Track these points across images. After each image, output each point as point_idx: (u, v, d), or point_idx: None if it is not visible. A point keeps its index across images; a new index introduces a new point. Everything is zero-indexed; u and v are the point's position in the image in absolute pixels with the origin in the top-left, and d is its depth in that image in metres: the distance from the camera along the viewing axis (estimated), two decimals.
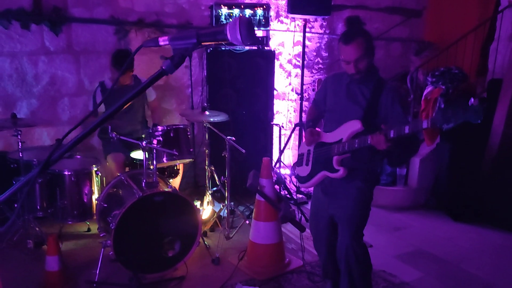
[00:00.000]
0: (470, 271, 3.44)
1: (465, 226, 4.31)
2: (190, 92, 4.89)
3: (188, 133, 3.50)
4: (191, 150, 3.53)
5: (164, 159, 3.37)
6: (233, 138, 3.60)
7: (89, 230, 3.92)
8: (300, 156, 2.79)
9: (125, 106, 1.10)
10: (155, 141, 3.22)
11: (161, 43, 1.02)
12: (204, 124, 3.82)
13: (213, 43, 0.92)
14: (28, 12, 4.12)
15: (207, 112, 3.71)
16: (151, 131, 3.35)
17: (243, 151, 3.52)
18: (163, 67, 1.00)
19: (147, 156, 3.17)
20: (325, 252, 2.76)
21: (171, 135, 3.36)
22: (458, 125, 1.91)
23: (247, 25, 0.91)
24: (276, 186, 3.65)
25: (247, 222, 3.86)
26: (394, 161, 2.87)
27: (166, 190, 3.16)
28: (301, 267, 3.39)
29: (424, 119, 4.50)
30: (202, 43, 0.96)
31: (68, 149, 1.08)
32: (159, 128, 3.36)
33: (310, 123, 2.76)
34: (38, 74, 4.30)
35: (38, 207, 3.54)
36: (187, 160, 3.69)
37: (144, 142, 3.12)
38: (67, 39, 4.35)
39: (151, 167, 3.22)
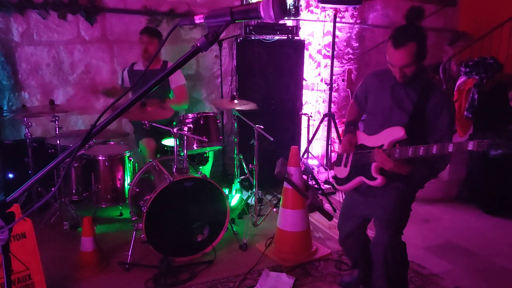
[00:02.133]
0: (502, 264, 3.37)
1: (498, 220, 4.21)
2: (220, 82, 4.94)
3: (218, 121, 3.56)
4: (221, 138, 3.58)
5: (195, 146, 3.43)
6: (262, 127, 3.62)
7: (121, 214, 4.04)
8: (340, 155, 2.67)
9: (154, 88, 1.13)
10: (185, 128, 3.28)
11: (197, 21, 1.05)
12: (233, 113, 3.85)
13: (246, 20, 0.94)
14: (64, 2, 4.25)
15: (236, 101, 3.74)
16: (182, 118, 3.42)
17: (271, 139, 3.54)
18: (198, 44, 1.04)
19: (177, 142, 3.25)
20: (356, 250, 2.72)
21: (201, 122, 3.42)
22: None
23: (280, 1, 0.93)
24: (304, 176, 3.67)
25: (274, 210, 3.89)
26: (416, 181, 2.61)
27: (196, 176, 3.22)
28: (328, 255, 3.40)
29: (457, 109, 4.37)
30: (236, 21, 0.99)
31: (105, 125, 1.13)
32: (190, 115, 3.43)
33: (351, 126, 2.62)
34: (74, 62, 4.44)
35: (74, 191, 3.68)
36: (217, 148, 3.74)
37: (175, 128, 3.19)
38: (101, 29, 4.47)
39: (182, 153, 3.30)
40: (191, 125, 3.37)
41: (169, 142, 3.89)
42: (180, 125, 3.32)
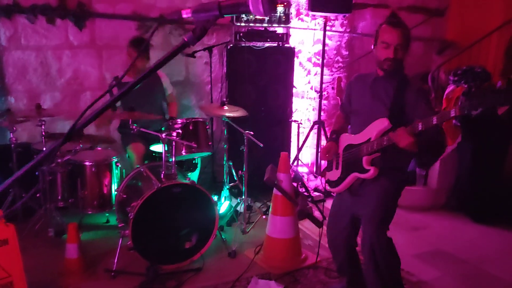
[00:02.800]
0: (491, 272, 3.37)
1: (487, 228, 4.22)
2: (210, 88, 4.91)
3: (207, 127, 3.53)
4: (210, 143, 3.55)
5: (183, 152, 3.39)
6: (251, 133, 3.60)
7: (108, 221, 3.97)
8: (330, 161, 2.75)
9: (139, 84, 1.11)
10: (174, 133, 3.25)
11: (184, 15, 1.03)
12: (223, 119, 3.83)
13: (234, 14, 0.92)
14: (53, 7, 4.21)
15: (226, 107, 3.72)
16: (170, 123, 3.38)
17: (261, 145, 3.52)
18: (185, 39, 1.01)
19: (166, 148, 3.21)
20: (343, 251, 2.72)
21: (190, 128, 3.39)
22: (486, 111, 1.88)
23: None
24: (294, 183, 3.64)
25: (264, 217, 3.86)
26: (420, 161, 2.80)
27: (184, 182, 3.18)
28: (317, 262, 3.37)
29: (451, 144, 4.40)
30: (224, 15, 0.97)
31: (89, 121, 1.10)
32: (179, 120, 3.40)
33: (333, 135, 2.73)
34: (62, 68, 4.39)
35: (59, 197, 3.60)
36: (206, 154, 3.71)
37: (164, 134, 3.16)
38: (90, 34, 4.44)
39: (170, 159, 3.26)
40: (180, 131, 3.33)
41: (157, 148, 3.85)
42: (169, 130, 3.29)
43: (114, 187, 3.61)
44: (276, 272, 3.19)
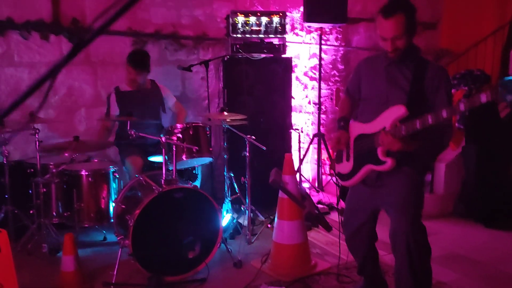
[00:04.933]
0: (508, 271, 3.22)
1: (498, 232, 4.07)
2: (207, 103, 4.84)
3: (207, 132, 3.42)
4: (211, 149, 3.43)
5: (184, 157, 3.26)
6: (253, 137, 3.50)
7: (105, 239, 3.78)
8: (339, 151, 2.56)
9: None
10: (174, 138, 3.14)
11: None
12: (223, 125, 3.73)
13: None
14: (47, 23, 4.17)
15: (226, 113, 3.63)
16: (170, 128, 3.28)
17: (264, 148, 3.42)
18: None
19: (166, 154, 3.09)
20: (364, 248, 2.55)
21: (191, 132, 3.28)
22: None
23: None
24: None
25: (269, 226, 3.70)
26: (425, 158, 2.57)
27: (186, 186, 3.05)
28: (328, 269, 3.20)
29: (455, 149, 4.29)
30: None
31: (13, 106, 1.00)
32: (178, 125, 3.29)
33: (341, 123, 2.52)
34: (56, 85, 4.30)
35: (54, 213, 3.43)
36: (207, 160, 3.58)
37: (164, 138, 3.04)
38: (85, 51, 4.36)
39: (170, 168, 3.14)
40: (180, 135, 3.22)
41: (156, 159, 3.72)
42: (169, 135, 3.18)
43: (112, 198, 3.45)
44: (285, 279, 3.01)
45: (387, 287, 2.71)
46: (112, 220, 3.36)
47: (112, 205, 3.42)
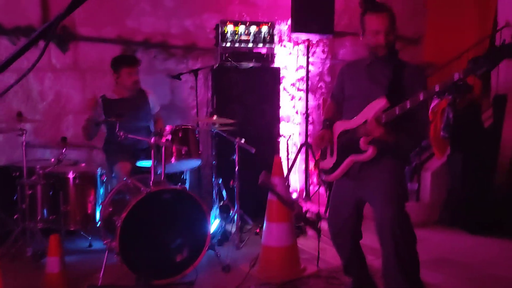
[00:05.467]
0: (497, 273, 3.25)
1: (485, 239, 4.11)
2: (196, 113, 4.86)
3: (197, 135, 3.42)
4: (200, 152, 3.43)
5: (173, 159, 3.25)
6: (243, 139, 3.52)
7: (90, 245, 3.72)
8: (323, 150, 2.64)
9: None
10: (163, 140, 3.14)
11: None
12: (212, 129, 3.75)
13: None
14: (36, 29, 4.16)
15: (215, 117, 3.65)
16: (159, 130, 3.28)
17: (253, 150, 3.44)
18: None
19: (154, 157, 3.07)
20: (349, 244, 2.57)
21: (180, 135, 3.27)
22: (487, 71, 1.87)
23: None
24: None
25: (258, 231, 3.69)
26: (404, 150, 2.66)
27: (175, 187, 3.03)
28: (318, 272, 3.19)
29: (433, 130, 4.43)
30: None
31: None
32: (167, 127, 3.28)
33: (327, 122, 2.63)
34: (44, 90, 4.29)
35: (39, 217, 3.37)
36: (195, 164, 3.56)
37: (153, 139, 3.04)
38: (73, 57, 4.39)
39: (159, 171, 3.12)
40: (169, 137, 3.22)
41: (145, 163, 3.69)
42: (158, 137, 3.17)
43: (99, 201, 3.41)
44: (275, 282, 2.99)
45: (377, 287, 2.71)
46: (98, 224, 3.31)
47: (98, 209, 3.37)
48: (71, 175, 3.29)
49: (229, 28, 4.46)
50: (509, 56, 1.85)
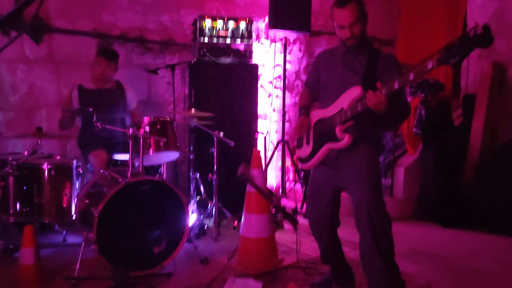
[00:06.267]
0: (469, 264, 3.35)
1: (457, 232, 4.24)
2: (173, 109, 4.84)
3: (175, 127, 3.40)
4: (178, 145, 3.41)
5: (151, 151, 3.22)
6: (221, 132, 3.52)
7: (65, 240, 3.64)
8: (299, 139, 2.69)
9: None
10: (141, 131, 3.11)
11: None
12: (190, 123, 3.74)
13: None
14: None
15: (193, 111, 3.64)
16: (137, 122, 3.24)
17: (232, 143, 3.45)
18: None
19: (132, 149, 3.03)
20: (327, 231, 2.61)
21: (158, 126, 3.24)
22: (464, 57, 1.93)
23: None
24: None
25: (235, 224, 3.69)
26: (388, 124, 2.73)
27: (153, 178, 3.01)
28: (295, 263, 3.20)
29: (406, 127, 4.54)
30: None
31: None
32: (145, 119, 3.25)
33: (302, 110, 2.66)
34: (16, 83, 4.19)
35: (11, 211, 3.28)
36: (173, 156, 3.53)
37: (131, 129, 3.01)
38: (48, 49, 4.30)
39: (136, 164, 3.09)
40: (147, 128, 3.19)
41: (121, 157, 3.65)
42: (136, 129, 3.13)
43: (74, 194, 3.34)
44: (253, 273, 2.99)
45: (353, 276, 2.76)
46: (74, 217, 3.25)
47: (74, 201, 3.31)
48: (46, 167, 3.22)
49: (207, 23, 4.47)
50: (480, 45, 1.91)
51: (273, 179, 5.62)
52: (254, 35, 5.29)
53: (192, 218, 3.89)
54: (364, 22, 2.40)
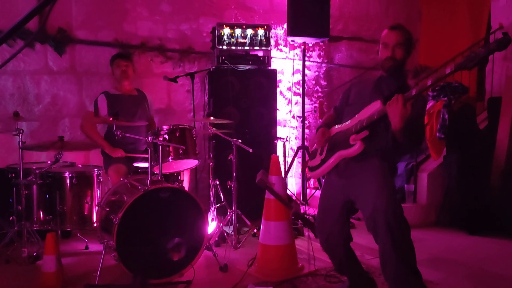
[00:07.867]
0: (494, 271, 3.25)
1: (482, 239, 4.12)
2: (192, 116, 4.86)
3: (194, 135, 3.41)
4: (198, 152, 3.42)
5: (170, 158, 3.24)
6: (239, 140, 3.52)
7: (87, 248, 3.68)
8: (314, 151, 2.70)
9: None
10: (160, 138, 3.13)
11: None
12: (209, 130, 3.75)
13: None
14: (33, 32, 4.17)
15: (211, 118, 3.65)
16: (156, 130, 3.27)
17: (250, 150, 3.44)
18: None
19: (151, 157, 3.06)
20: (340, 246, 2.56)
21: (177, 134, 3.27)
22: (481, 61, 1.88)
23: None
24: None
25: (255, 231, 3.67)
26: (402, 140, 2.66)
27: (172, 186, 3.02)
28: (315, 271, 3.17)
29: (429, 131, 4.45)
30: None
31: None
32: (164, 127, 3.28)
33: (324, 125, 2.68)
34: (40, 93, 4.29)
35: (35, 218, 3.35)
36: (192, 164, 3.55)
37: (150, 137, 3.03)
38: (70, 60, 4.39)
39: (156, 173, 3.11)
40: (167, 136, 3.22)
41: (141, 164, 3.69)
42: (155, 136, 3.16)
43: (96, 202, 3.39)
44: (273, 280, 2.97)
45: (375, 283, 2.71)
46: (95, 225, 3.29)
47: (95, 209, 3.35)
48: (68, 175, 3.28)
49: (226, 31, 4.49)
50: (498, 49, 1.87)
51: (293, 186, 5.59)
52: (272, 42, 5.30)
53: (211, 226, 3.90)
54: (408, 50, 2.40)
